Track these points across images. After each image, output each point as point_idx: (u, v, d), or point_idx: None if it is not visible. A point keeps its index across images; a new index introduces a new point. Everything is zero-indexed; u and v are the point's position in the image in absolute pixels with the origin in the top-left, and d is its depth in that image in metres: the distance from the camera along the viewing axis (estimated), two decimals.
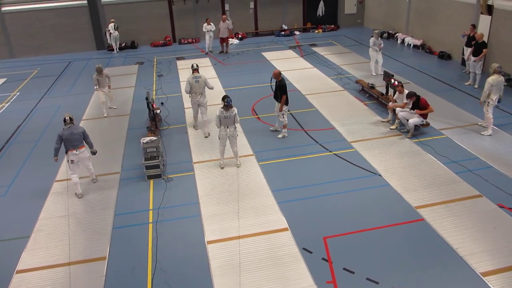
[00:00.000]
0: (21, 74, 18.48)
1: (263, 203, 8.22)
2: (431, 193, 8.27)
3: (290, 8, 23.83)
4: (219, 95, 9.80)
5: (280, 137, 10.94)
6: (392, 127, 11.09)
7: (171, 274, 6.59)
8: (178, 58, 19.56)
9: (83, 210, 8.39)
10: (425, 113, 10.41)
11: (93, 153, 9.03)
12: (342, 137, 10.81)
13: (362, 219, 7.63)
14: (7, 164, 10.49)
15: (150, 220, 7.96)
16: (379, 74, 15.02)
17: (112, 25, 20.78)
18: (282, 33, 23.30)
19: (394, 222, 7.52)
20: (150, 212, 8.20)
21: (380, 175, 8.99)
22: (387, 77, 12.80)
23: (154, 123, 10.96)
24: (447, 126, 11.03)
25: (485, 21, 14.93)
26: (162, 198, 8.60)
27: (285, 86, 10.61)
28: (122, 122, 12.61)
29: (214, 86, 12.12)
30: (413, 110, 10.54)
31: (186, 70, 11.78)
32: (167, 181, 9.23)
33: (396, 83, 11.52)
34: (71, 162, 8.65)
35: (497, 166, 9.07)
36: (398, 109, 10.90)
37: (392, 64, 16.64)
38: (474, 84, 13.81)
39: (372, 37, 15.26)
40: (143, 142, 9.39)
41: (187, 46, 22.15)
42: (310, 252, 6.88)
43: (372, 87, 13.33)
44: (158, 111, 11.44)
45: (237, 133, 9.47)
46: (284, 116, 10.75)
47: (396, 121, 11.06)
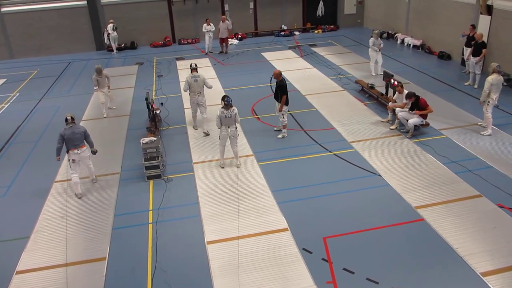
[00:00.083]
0: (20, 74, 18.48)
1: (263, 204, 8.22)
2: (431, 193, 8.27)
3: (290, 8, 23.84)
4: (219, 96, 9.81)
5: (280, 137, 10.95)
6: (392, 127, 11.09)
7: (171, 275, 6.59)
8: (178, 59, 19.57)
9: (83, 210, 8.39)
10: (424, 113, 10.42)
11: (93, 152, 9.03)
12: (342, 137, 10.81)
13: (362, 219, 7.63)
14: (7, 164, 10.49)
15: (150, 220, 7.96)
16: (379, 74, 15.02)
17: (111, 25, 20.77)
18: (282, 33, 23.31)
19: (394, 222, 7.53)
20: (150, 212, 8.20)
21: (380, 175, 8.99)
22: (387, 77, 12.81)
23: (154, 124, 10.96)
24: (447, 126, 11.03)
25: (484, 21, 14.94)
26: (162, 199, 8.60)
27: (285, 86, 10.61)
28: (121, 123, 12.61)
29: (214, 87, 12.13)
30: (412, 110, 10.54)
31: (185, 70, 11.81)
32: (167, 181, 9.23)
33: (395, 83, 11.52)
34: (73, 161, 8.65)
35: (497, 166, 9.07)
36: (397, 109, 10.91)
37: (391, 64, 16.64)
38: (473, 84, 13.82)
39: (371, 37, 15.26)
40: (143, 143, 9.39)
41: (187, 47, 22.15)
42: (310, 252, 6.88)
43: (371, 87, 13.34)
44: (158, 112, 11.44)
45: (238, 133, 9.48)
46: (284, 116, 10.76)
47: (396, 121, 11.06)
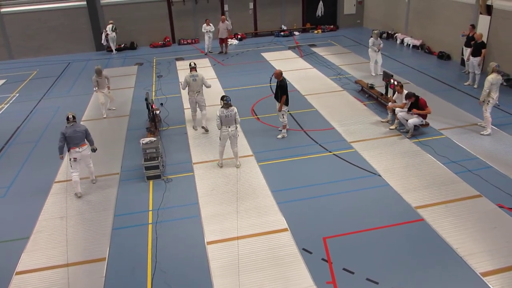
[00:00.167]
0: (20, 75, 18.47)
1: (263, 204, 8.22)
2: (431, 193, 8.27)
3: (290, 8, 23.84)
4: (219, 96, 9.80)
5: (279, 137, 10.95)
6: (391, 127, 11.09)
7: (171, 275, 6.58)
8: (178, 59, 19.56)
9: (83, 211, 8.38)
10: (422, 113, 10.39)
11: (93, 150, 9.06)
12: (342, 137, 10.81)
13: (361, 220, 7.63)
14: (7, 165, 10.48)
15: (150, 221, 7.95)
16: (379, 74, 15.03)
17: (110, 26, 20.77)
18: (282, 33, 23.31)
19: (394, 222, 7.52)
20: (150, 213, 8.20)
21: (379, 175, 8.99)
22: (387, 77, 12.81)
23: (154, 124, 10.96)
24: (447, 126, 11.03)
25: (484, 21, 14.95)
26: (162, 199, 8.60)
27: (286, 86, 10.61)
28: (121, 123, 12.61)
29: (214, 87, 12.15)
30: (410, 110, 10.53)
31: (185, 70, 11.81)
32: (167, 181, 9.23)
33: (393, 85, 11.50)
34: (74, 160, 8.67)
35: (496, 166, 9.07)
36: (397, 109, 10.90)
37: (391, 64, 16.64)
38: (473, 84, 13.82)
39: (371, 37, 15.26)
40: (143, 143, 9.39)
41: (187, 47, 22.15)
42: (310, 252, 6.88)
43: (371, 87, 13.34)
44: (158, 112, 11.43)
45: (238, 133, 9.48)
46: (284, 116, 10.76)
47: (395, 121, 11.06)
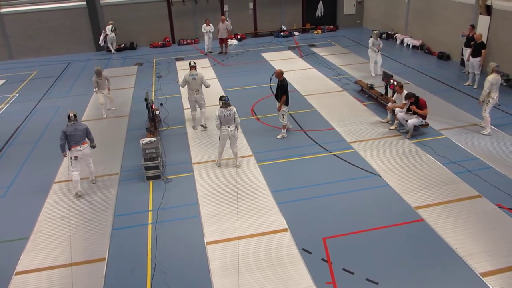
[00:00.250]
0: (20, 75, 18.47)
1: (263, 204, 8.22)
2: (431, 193, 8.27)
3: (289, 8, 23.84)
4: (218, 96, 9.79)
5: (279, 137, 10.95)
6: (391, 128, 11.09)
7: (171, 275, 6.59)
8: (177, 59, 19.56)
9: (83, 211, 8.38)
10: (419, 112, 10.34)
11: (92, 147, 9.09)
12: (342, 137, 10.81)
13: (361, 220, 7.63)
14: (7, 165, 10.48)
15: (150, 221, 7.95)
16: (378, 74, 15.03)
17: (109, 27, 20.77)
18: (281, 33, 23.31)
19: (394, 222, 7.52)
20: (150, 213, 8.20)
21: (379, 176, 8.99)
22: (386, 77, 12.81)
23: (154, 124, 10.96)
24: (447, 127, 11.04)
25: (484, 21, 14.95)
26: (162, 199, 8.60)
27: (286, 86, 10.62)
28: (121, 123, 12.60)
29: (214, 87, 12.18)
30: (409, 111, 10.53)
31: (185, 71, 11.82)
32: (167, 182, 9.23)
33: (395, 84, 11.50)
34: (75, 158, 8.68)
35: (496, 167, 9.07)
36: (397, 109, 10.91)
37: (391, 64, 16.64)
38: (473, 84, 13.82)
39: (371, 37, 15.27)
40: (143, 143, 9.39)
41: (186, 47, 22.15)
42: (310, 252, 6.88)
43: (371, 88, 13.34)
44: (158, 112, 11.44)
45: (237, 133, 9.48)
46: (284, 116, 10.76)
47: (395, 121, 11.06)
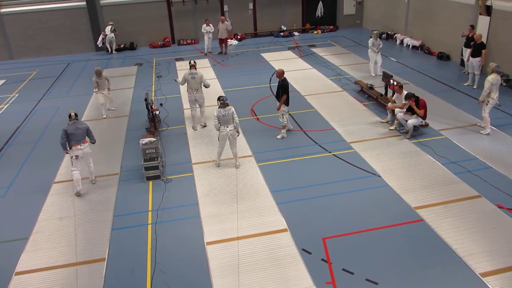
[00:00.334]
0: (20, 75, 18.46)
1: (262, 204, 8.22)
2: (431, 193, 8.27)
3: (289, 9, 23.84)
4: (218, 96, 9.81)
5: (279, 137, 10.94)
6: (391, 128, 11.10)
7: (171, 275, 6.58)
8: (177, 59, 19.56)
9: (83, 211, 8.38)
10: (416, 110, 10.32)
11: (92, 142, 9.12)
12: (341, 137, 10.81)
13: (361, 220, 7.63)
14: (6, 165, 10.48)
15: (149, 221, 7.95)
16: (378, 74, 15.03)
17: (109, 27, 20.77)
18: (281, 34, 23.31)
19: (393, 222, 7.53)
20: (149, 213, 8.20)
21: (379, 176, 8.99)
22: (386, 77, 12.81)
23: (153, 124, 10.96)
24: (446, 127, 11.04)
25: (483, 21, 14.96)
26: (161, 199, 8.60)
27: (287, 86, 10.61)
28: (121, 123, 12.60)
29: (214, 87, 12.19)
30: (408, 111, 10.52)
31: (185, 71, 11.82)
32: (166, 182, 9.23)
33: (394, 84, 11.49)
34: (76, 157, 8.70)
35: (496, 167, 9.07)
36: (397, 109, 10.91)
37: (391, 64, 16.65)
38: (473, 84, 13.82)
39: (371, 37, 15.27)
40: (142, 143, 9.39)
41: (186, 47, 22.15)
42: (310, 253, 6.88)
43: (371, 88, 13.34)
44: (157, 112, 11.44)
45: (237, 133, 9.48)
46: (284, 116, 10.76)
47: (395, 121, 11.06)
